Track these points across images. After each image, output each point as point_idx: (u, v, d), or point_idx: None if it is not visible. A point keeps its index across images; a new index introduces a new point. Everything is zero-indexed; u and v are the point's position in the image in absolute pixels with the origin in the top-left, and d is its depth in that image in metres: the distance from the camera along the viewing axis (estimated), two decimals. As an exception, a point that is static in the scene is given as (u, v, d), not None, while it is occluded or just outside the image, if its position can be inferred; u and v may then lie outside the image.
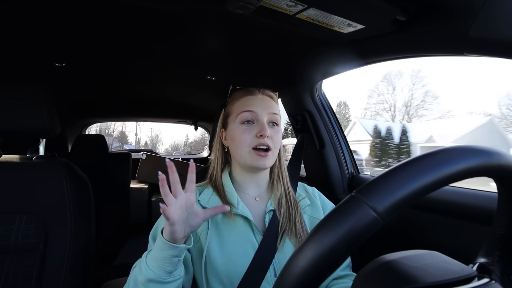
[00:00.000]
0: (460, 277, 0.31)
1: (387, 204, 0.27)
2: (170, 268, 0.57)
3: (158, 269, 0.57)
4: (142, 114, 2.73)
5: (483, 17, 0.59)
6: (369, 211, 0.27)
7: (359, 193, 0.29)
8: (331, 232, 0.28)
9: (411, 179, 0.28)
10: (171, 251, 0.56)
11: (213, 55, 1.15)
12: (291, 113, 1.46)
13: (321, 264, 0.28)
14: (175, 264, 0.57)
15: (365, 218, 0.27)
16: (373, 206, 0.27)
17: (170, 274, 0.57)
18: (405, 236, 1.01)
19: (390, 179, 0.29)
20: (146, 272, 0.57)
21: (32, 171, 0.90)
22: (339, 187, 1.35)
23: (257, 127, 0.72)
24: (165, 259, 0.56)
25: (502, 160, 0.32)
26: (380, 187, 0.28)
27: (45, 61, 1.24)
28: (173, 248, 0.56)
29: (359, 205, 0.28)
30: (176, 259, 0.57)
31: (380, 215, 0.27)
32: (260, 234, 0.70)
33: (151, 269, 0.57)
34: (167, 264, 0.56)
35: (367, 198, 0.28)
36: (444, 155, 0.30)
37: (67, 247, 0.85)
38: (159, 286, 0.57)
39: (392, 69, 22.02)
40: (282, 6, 0.70)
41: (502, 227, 0.36)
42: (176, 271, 0.58)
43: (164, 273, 0.56)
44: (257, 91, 0.77)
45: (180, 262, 0.58)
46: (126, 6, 0.77)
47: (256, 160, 0.70)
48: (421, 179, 0.28)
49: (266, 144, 0.70)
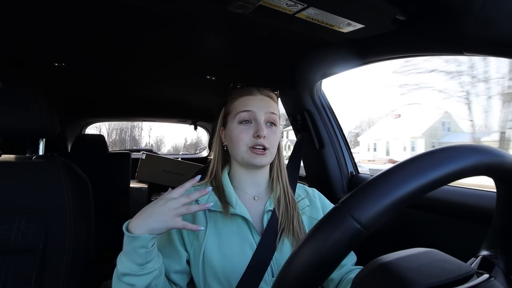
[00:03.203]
0: (457, 276, 0.31)
1: (370, 215, 0.27)
2: (139, 260, 0.56)
3: (129, 263, 0.57)
4: (141, 114, 2.73)
5: (483, 16, 0.59)
6: (352, 223, 0.27)
7: (343, 204, 0.29)
8: (318, 244, 0.28)
9: (393, 187, 0.28)
10: (135, 242, 0.56)
11: (213, 55, 1.15)
12: (291, 113, 1.46)
13: (312, 273, 0.28)
14: (144, 255, 0.56)
15: (349, 231, 0.27)
16: (356, 218, 0.27)
17: (142, 267, 0.57)
18: (404, 235, 1.01)
19: (372, 189, 0.28)
20: (120, 266, 0.58)
21: (31, 171, 0.89)
22: (339, 187, 1.35)
23: (254, 127, 0.72)
24: (132, 251, 0.56)
25: (495, 159, 0.32)
26: (362, 197, 0.28)
27: (44, 61, 1.24)
28: (135, 239, 0.55)
29: (343, 217, 0.28)
30: (143, 250, 0.56)
31: (364, 226, 0.27)
32: (258, 234, 0.70)
33: (123, 263, 0.57)
34: (136, 256, 0.56)
35: (350, 209, 0.28)
36: (428, 160, 0.29)
37: (66, 247, 0.85)
38: (133, 279, 0.57)
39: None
40: (281, 5, 0.70)
41: (504, 220, 0.36)
42: (149, 263, 0.58)
43: (135, 265, 0.57)
44: (256, 91, 0.77)
45: (149, 253, 0.57)
46: (126, 6, 0.77)
47: (253, 157, 0.71)
48: (405, 187, 0.28)
49: (262, 145, 0.71)
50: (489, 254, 0.37)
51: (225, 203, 0.71)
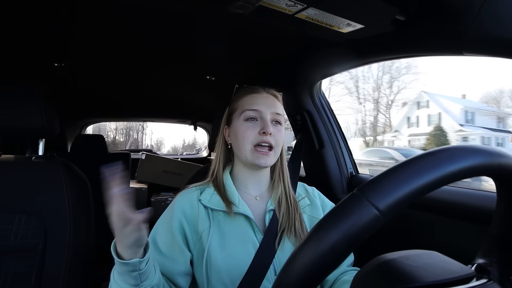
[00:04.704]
0: (459, 277, 0.31)
1: (388, 202, 0.27)
2: (133, 282, 0.54)
3: (122, 283, 0.55)
4: (141, 114, 2.73)
5: (482, 16, 0.59)
6: (371, 208, 0.27)
7: (360, 191, 0.29)
8: (332, 229, 0.28)
9: (412, 177, 0.28)
10: (124, 267, 0.53)
11: (213, 55, 1.15)
12: (291, 113, 1.46)
13: (321, 261, 0.28)
14: (137, 277, 0.54)
15: (367, 216, 0.27)
16: (375, 204, 0.27)
17: (137, 287, 0.55)
18: (404, 236, 1.01)
19: (391, 177, 0.29)
20: (113, 285, 0.56)
21: (31, 171, 0.89)
22: (339, 187, 1.35)
23: (260, 124, 0.72)
24: (124, 273, 0.54)
25: (503, 160, 0.32)
26: (381, 185, 0.28)
27: (44, 61, 1.24)
28: (124, 264, 0.52)
29: (361, 203, 0.28)
30: (135, 273, 0.53)
31: (382, 213, 0.27)
32: (261, 233, 0.70)
33: (117, 283, 0.55)
34: (128, 278, 0.54)
35: (369, 196, 0.28)
36: (446, 154, 0.30)
37: (66, 247, 0.84)
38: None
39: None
40: (281, 5, 0.70)
41: (501, 228, 0.36)
42: (145, 282, 0.55)
43: (129, 286, 0.54)
44: (262, 89, 0.78)
45: (143, 274, 0.54)
46: (125, 5, 0.77)
47: (258, 158, 0.70)
48: (422, 178, 0.28)
49: (268, 142, 0.71)
50: (484, 262, 0.37)
51: (228, 202, 0.71)
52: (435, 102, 15.49)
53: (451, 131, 14.19)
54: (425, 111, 15.72)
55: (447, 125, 14.58)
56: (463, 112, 14.60)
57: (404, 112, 16.61)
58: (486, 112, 15.17)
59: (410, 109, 16.18)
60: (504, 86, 26.62)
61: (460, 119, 14.53)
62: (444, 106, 15.16)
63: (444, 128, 14.55)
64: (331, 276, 0.71)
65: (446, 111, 14.90)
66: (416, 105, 16.05)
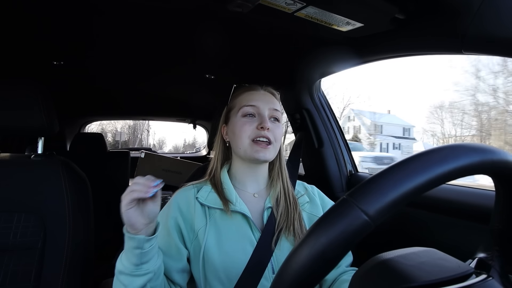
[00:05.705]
0: (456, 275, 0.31)
1: (378, 207, 0.27)
2: (135, 260, 0.56)
3: (126, 261, 0.57)
4: (140, 112, 2.73)
5: (482, 15, 0.59)
6: (360, 214, 0.27)
7: (350, 196, 0.28)
8: (323, 235, 0.28)
9: (402, 181, 0.28)
10: (130, 242, 0.55)
11: (212, 53, 1.15)
12: (290, 112, 1.46)
13: (314, 266, 0.28)
14: (139, 256, 0.55)
15: (357, 222, 0.27)
16: (364, 210, 0.27)
17: (137, 267, 0.56)
18: (403, 234, 1.01)
19: (381, 182, 0.28)
20: (118, 263, 0.58)
21: (30, 169, 0.89)
22: (338, 186, 1.35)
23: (258, 119, 0.73)
24: (128, 250, 0.56)
25: (495, 157, 0.32)
26: (371, 189, 0.28)
27: (43, 59, 1.23)
28: (130, 239, 0.55)
29: (350, 208, 0.27)
30: (138, 251, 0.55)
31: (372, 218, 0.27)
32: (258, 231, 0.70)
33: (122, 261, 0.57)
34: (131, 255, 0.56)
35: (358, 201, 0.28)
36: (436, 155, 0.30)
37: (65, 245, 0.84)
38: (128, 278, 0.56)
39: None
40: (280, 4, 0.70)
41: (502, 222, 0.36)
42: (145, 264, 0.57)
43: (131, 265, 0.56)
44: (259, 87, 0.78)
45: (145, 254, 0.56)
46: (124, 4, 0.77)
47: (257, 151, 0.70)
48: (413, 180, 0.28)
49: (266, 137, 0.71)
50: (485, 256, 0.37)
51: (225, 200, 0.71)
52: (357, 117, 22.10)
53: (364, 138, 20.83)
54: (351, 124, 22.54)
55: (362, 134, 21.47)
56: (373, 125, 21.62)
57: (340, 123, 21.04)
58: (393, 125, 22.54)
59: (344, 122, 22.58)
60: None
61: (370, 130, 21.53)
62: (361, 120, 21.92)
63: (359, 136, 21.11)
64: (330, 276, 0.71)
65: (363, 124, 21.79)
66: (347, 118, 22.71)
